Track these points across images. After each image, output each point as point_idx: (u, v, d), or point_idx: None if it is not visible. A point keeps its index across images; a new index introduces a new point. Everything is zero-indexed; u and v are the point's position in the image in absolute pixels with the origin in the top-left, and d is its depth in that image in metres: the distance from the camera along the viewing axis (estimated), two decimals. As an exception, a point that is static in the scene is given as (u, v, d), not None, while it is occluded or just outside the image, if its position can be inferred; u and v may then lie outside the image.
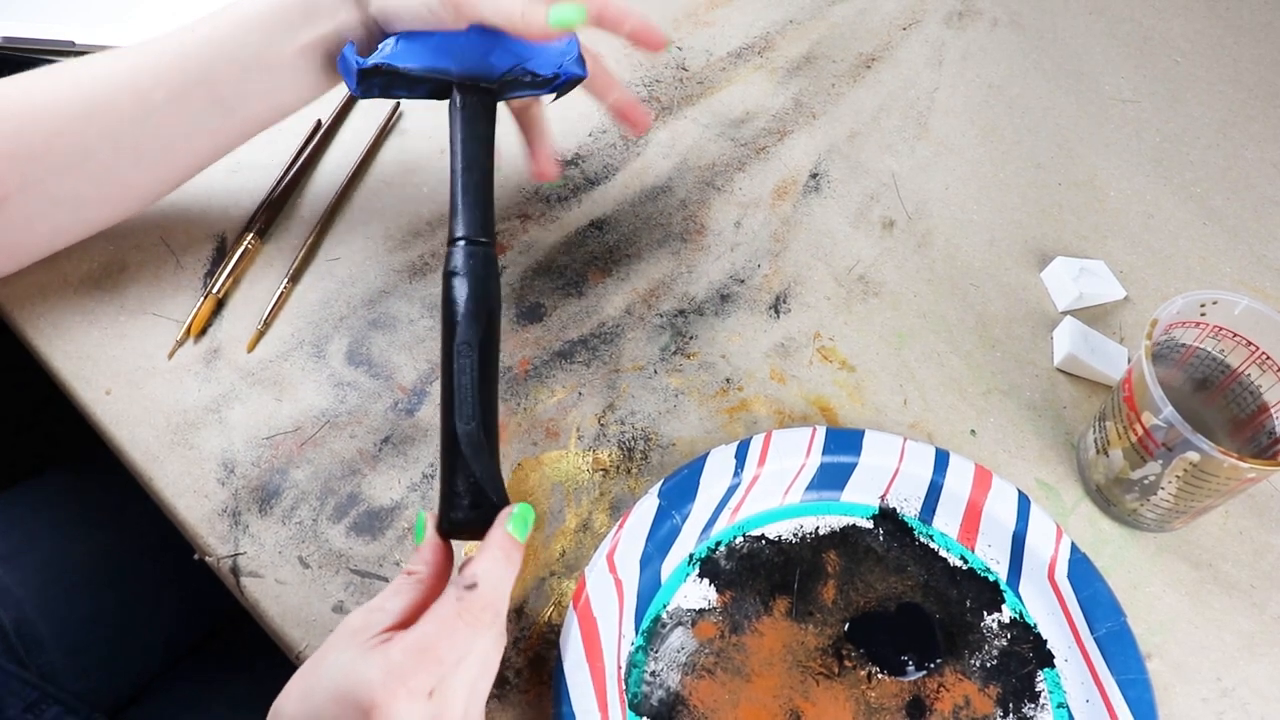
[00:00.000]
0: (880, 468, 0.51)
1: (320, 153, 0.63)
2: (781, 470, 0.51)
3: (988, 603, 0.49)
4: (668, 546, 0.48)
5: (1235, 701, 0.49)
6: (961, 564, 0.50)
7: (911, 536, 0.51)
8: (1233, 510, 0.54)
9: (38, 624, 0.59)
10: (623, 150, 0.65)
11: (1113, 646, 0.47)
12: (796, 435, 0.51)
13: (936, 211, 0.64)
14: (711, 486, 0.50)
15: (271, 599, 0.48)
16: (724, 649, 0.47)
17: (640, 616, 0.47)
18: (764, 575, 0.49)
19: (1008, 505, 0.50)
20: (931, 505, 0.51)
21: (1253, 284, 0.63)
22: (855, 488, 0.51)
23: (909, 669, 0.47)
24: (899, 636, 0.47)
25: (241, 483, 0.51)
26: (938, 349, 0.59)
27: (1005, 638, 0.48)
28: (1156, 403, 0.46)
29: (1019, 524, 0.50)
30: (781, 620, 0.48)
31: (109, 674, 0.62)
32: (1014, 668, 0.48)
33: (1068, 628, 0.48)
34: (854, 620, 0.48)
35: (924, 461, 0.51)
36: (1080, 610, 0.48)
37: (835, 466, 0.51)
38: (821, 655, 0.47)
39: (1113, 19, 0.75)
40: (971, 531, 0.51)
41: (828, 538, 0.50)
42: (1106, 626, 0.47)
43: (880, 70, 0.71)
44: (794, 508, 0.51)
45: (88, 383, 0.53)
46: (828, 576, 0.49)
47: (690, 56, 0.70)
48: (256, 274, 0.58)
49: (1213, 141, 0.69)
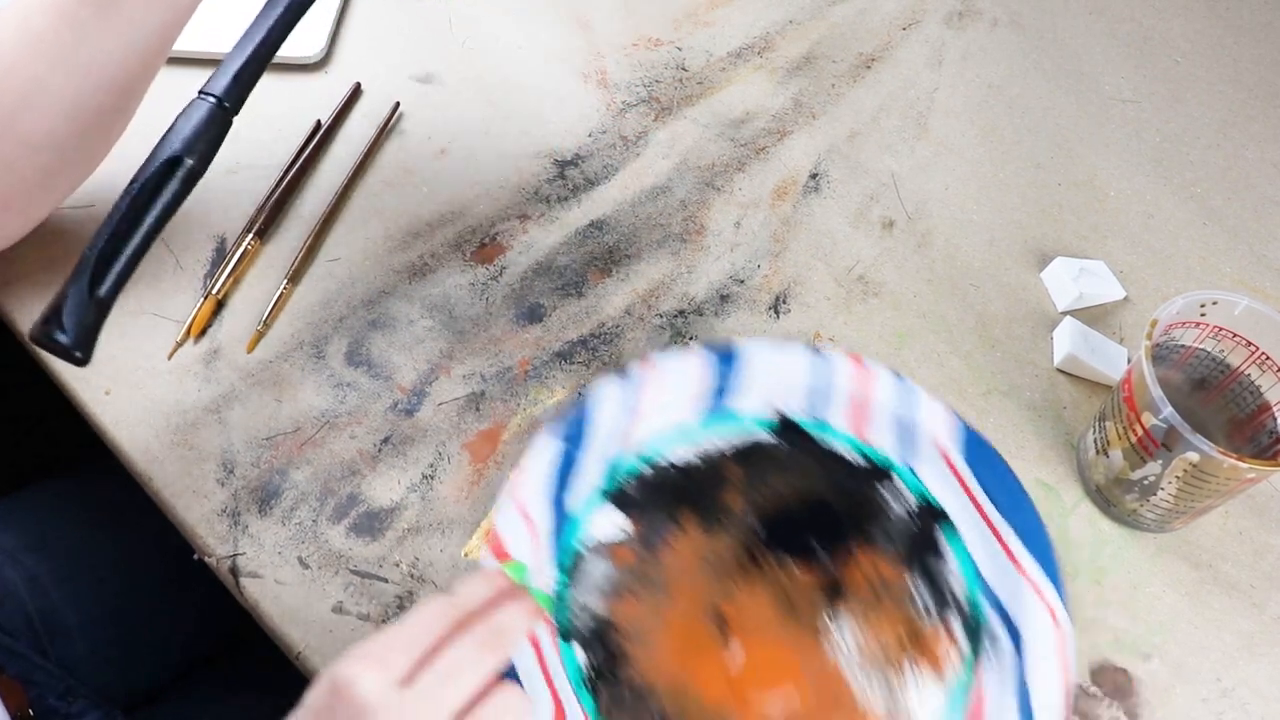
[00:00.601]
0: (765, 375, 0.52)
1: (320, 153, 0.63)
2: (672, 393, 0.52)
3: (886, 486, 0.51)
4: (572, 482, 0.49)
5: (1235, 701, 0.49)
6: (857, 456, 0.51)
7: (807, 437, 0.52)
8: (1233, 510, 0.54)
9: (65, 614, 0.60)
10: (622, 150, 0.65)
11: (1007, 502, 0.49)
12: (679, 357, 0.52)
13: (936, 211, 0.64)
14: (605, 418, 0.50)
15: (271, 599, 0.48)
16: (643, 570, 0.48)
17: (558, 553, 0.48)
18: (671, 496, 0.50)
19: (888, 391, 0.52)
20: (820, 403, 0.52)
21: (1253, 284, 0.63)
22: (745, 399, 0.52)
23: (819, 554, 0.48)
24: (806, 528, 0.49)
25: (241, 483, 0.51)
26: (938, 349, 0.59)
27: (905, 510, 0.50)
28: (1156, 403, 0.46)
29: (903, 409, 0.51)
30: (694, 534, 0.49)
31: (128, 670, 0.62)
32: (915, 531, 0.50)
33: (965, 496, 0.50)
34: (762, 521, 0.49)
35: (803, 362, 0.52)
36: (975, 480, 0.50)
37: (722, 382, 0.52)
38: (736, 559, 0.48)
39: (1113, 19, 0.75)
40: (862, 422, 0.52)
41: (728, 452, 0.51)
42: (1002, 490, 0.49)
43: (880, 70, 0.71)
44: (691, 429, 0.52)
45: (87, 383, 0.54)
46: (733, 487, 0.50)
47: (690, 56, 0.70)
48: (256, 274, 0.58)
49: (1213, 141, 0.69)
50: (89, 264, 0.43)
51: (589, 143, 0.65)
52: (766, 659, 0.46)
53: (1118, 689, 0.49)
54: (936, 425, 0.51)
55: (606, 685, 0.46)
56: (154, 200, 0.45)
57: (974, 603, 0.48)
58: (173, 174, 0.45)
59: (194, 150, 0.45)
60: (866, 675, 0.46)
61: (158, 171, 0.45)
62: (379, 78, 0.66)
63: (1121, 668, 0.50)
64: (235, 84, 0.46)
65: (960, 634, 0.47)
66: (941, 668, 0.47)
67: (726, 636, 0.46)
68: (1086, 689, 0.49)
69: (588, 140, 0.65)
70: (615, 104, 0.67)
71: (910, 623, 0.47)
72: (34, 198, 0.50)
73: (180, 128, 0.45)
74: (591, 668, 0.46)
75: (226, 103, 0.46)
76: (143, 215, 0.45)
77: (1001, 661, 0.46)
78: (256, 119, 0.63)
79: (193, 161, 0.45)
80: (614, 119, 0.66)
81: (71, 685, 0.57)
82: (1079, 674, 0.49)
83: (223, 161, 0.60)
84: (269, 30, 0.47)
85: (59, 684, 0.56)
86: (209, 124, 0.46)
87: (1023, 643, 0.46)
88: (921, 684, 0.46)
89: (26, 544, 0.61)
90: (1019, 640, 0.46)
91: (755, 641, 0.46)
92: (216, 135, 0.46)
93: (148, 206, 0.45)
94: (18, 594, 0.59)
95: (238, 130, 0.59)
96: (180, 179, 0.45)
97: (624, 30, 0.71)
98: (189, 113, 0.46)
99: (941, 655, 0.47)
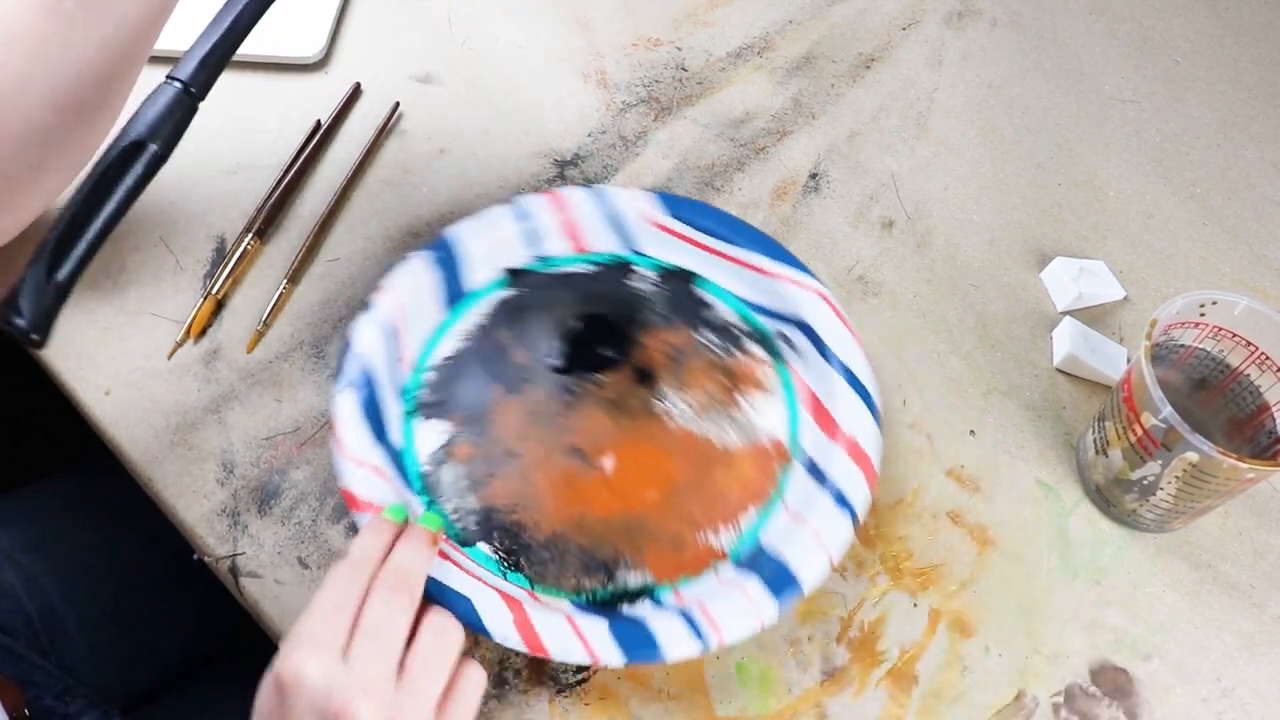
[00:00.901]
0: (481, 246, 0.55)
1: (320, 153, 0.63)
2: (414, 302, 0.54)
3: (630, 276, 0.57)
4: (384, 418, 0.51)
5: (1235, 701, 0.49)
6: (590, 267, 0.57)
7: (539, 275, 0.56)
8: (1232, 510, 0.54)
9: (63, 614, 0.60)
10: (622, 150, 0.65)
11: (724, 230, 0.56)
12: (403, 269, 0.54)
13: (936, 211, 0.64)
14: (375, 352, 0.52)
15: (270, 599, 0.48)
16: (486, 451, 0.51)
17: (411, 482, 0.50)
18: (466, 382, 0.53)
19: (585, 202, 0.57)
20: (536, 242, 0.57)
21: (1253, 284, 0.63)
22: (475, 274, 0.55)
23: (615, 358, 0.54)
24: (592, 344, 0.54)
25: (241, 483, 0.51)
26: (937, 349, 0.59)
27: (655, 285, 0.56)
28: (1156, 403, 0.46)
29: (605, 208, 0.57)
30: (507, 400, 0.52)
31: (127, 669, 0.62)
32: (673, 297, 0.56)
33: (691, 245, 0.57)
34: (555, 358, 0.53)
35: (506, 218, 0.56)
36: (692, 229, 0.57)
37: (448, 270, 0.54)
38: (555, 399, 0.52)
39: (1113, 19, 0.75)
40: (579, 238, 0.57)
41: (486, 323, 0.54)
42: (715, 223, 0.57)
43: (880, 70, 0.71)
44: (446, 322, 0.54)
45: (87, 383, 0.54)
46: (510, 346, 0.54)
47: (690, 56, 0.70)
48: (256, 274, 0.58)
49: (1213, 141, 0.69)
50: (48, 247, 0.43)
51: (589, 143, 0.65)
52: (631, 458, 0.51)
53: (1118, 689, 0.49)
54: (638, 205, 0.57)
55: (524, 558, 0.49)
56: (116, 185, 0.45)
57: (752, 322, 0.56)
58: (136, 159, 0.45)
59: (158, 135, 0.45)
60: (712, 423, 0.53)
61: (120, 156, 0.44)
62: (379, 78, 0.66)
63: (1121, 668, 0.50)
64: (201, 69, 0.46)
65: (759, 351, 0.55)
66: (763, 383, 0.54)
67: (590, 461, 0.51)
68: (1086, 689, 0.49)
69: (587, 140, 0.65)
70: (615, 104, 0.67)
71: (717, 366, 0.54)
72: (22, 195, 0.50)
73: (145, 113, 0.45)
74: (502, 553, 0.49)
75: (193, 88, 0.46)
76: (104, 200, 0.45)
77: (801, 349, 0.54)
78: (256, 119, 0.63)
79: (157, 146, 0.45)
80: (614, 119, 0.66)
81: (69, 685, 0.57)
82: (1080, 675, 0.49)
83: (223, 161, 0.60)
84: (237, 16, 0.46)
85: (56, 684, 0.56)
86: (174, 109, 0.45)
87: (808, 325, 0.54)
88: (756, 404, 0.53)
89: (25, 544, 0.61)
90: (804, 326, 0.54)
91: (613, 451, 0.52)
92: (181, 121, 0.46)
93: (109, 191, 0.44)
94: (16, 594, 0.59)
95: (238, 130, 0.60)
96: (144, 164, 0.45)
97: (624, 30, 0.71)
98: (154, 98, 0.45)
99: (757, 375, 0.54)
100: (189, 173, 0.60)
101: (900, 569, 0.51)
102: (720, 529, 0.50)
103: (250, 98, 0.64)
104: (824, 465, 0.51)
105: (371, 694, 0.37)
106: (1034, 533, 0.53)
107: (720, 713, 0.47)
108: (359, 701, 0.36)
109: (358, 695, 0.36)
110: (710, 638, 0.45)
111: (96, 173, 0.44)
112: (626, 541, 0.50)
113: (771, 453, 0.52)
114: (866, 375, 0.53)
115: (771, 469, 0.52)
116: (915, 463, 0.55)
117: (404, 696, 0.38)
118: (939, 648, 0.49)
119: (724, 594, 0.47)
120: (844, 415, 0.52)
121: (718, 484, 0.51)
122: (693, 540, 0.50)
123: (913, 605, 0.50)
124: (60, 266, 0.44)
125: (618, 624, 0.46)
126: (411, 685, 0.38)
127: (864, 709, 0.48)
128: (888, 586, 0.51)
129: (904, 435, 0.55)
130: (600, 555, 0.49)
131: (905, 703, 0.48)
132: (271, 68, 0.66)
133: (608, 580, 0.49)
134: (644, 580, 0.49)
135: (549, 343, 0.54)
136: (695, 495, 0.51)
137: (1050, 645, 0.50)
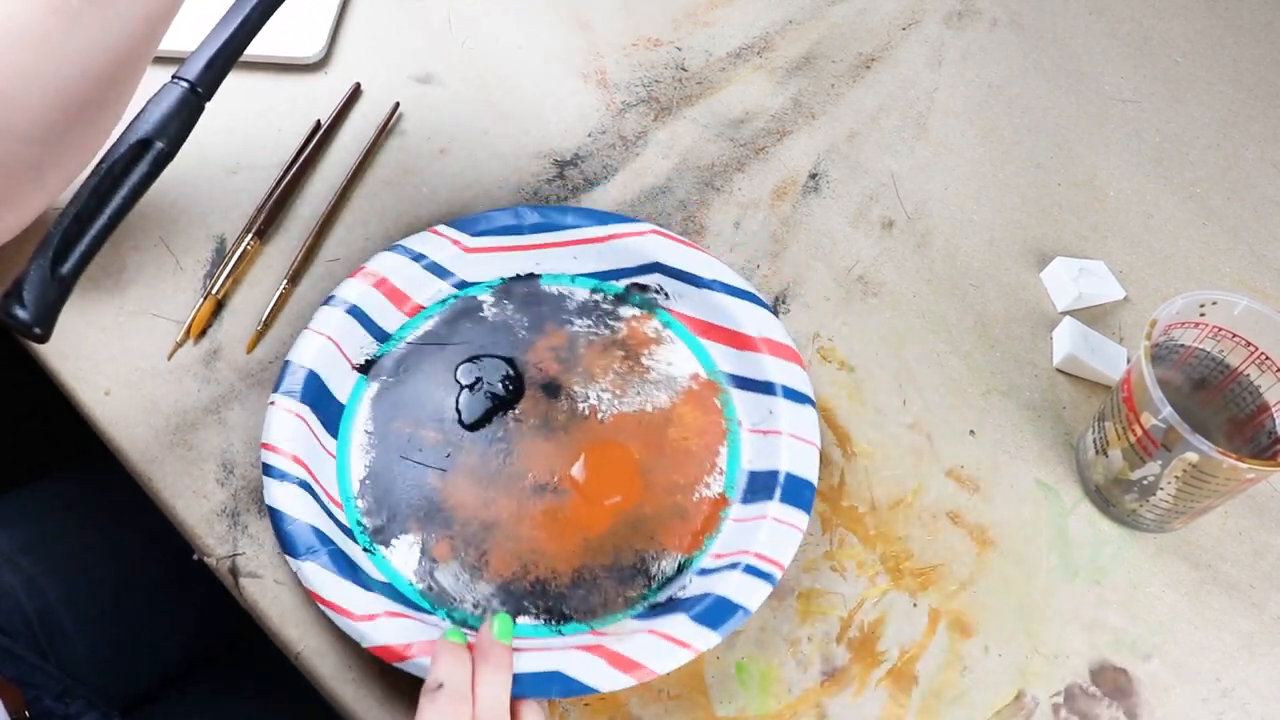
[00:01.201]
0: (324, 352, 0.53)
1: (320, 153, 0.63)
2: (302, 444, 0.50)
3: (482, 307, 0.56)
4: (354, 565, 0.48)
5: (1235, 702, 0.49)
6: (433, 321, 0.55)
7: (394, 350, 0.54)
8: (1232, 510, 0.54)
9: (62, 615, 0.60)
10: (622, 150, 0.65)
11: (546, 219, 0.57)
12: (277, 422, 0.50)
13: (936, 211, 0.64)
14: (307, 518, 0.48)
15: (270, 599, 0.48)
16: (464, 536, 0.50)
17: (415, 603, 0.48)
18: (397, 489, 0.51)
19: (396, 262, 0.56)
20: (368, 323, 0.54)
21: (1253, 284, 0.63)
22: (334, 382, 0.52)
23: (508, 388, 0.53)
24: (487, 382, 0.54)
25: (241, 483, 0.51)
26: (937, 349, 0.59)
27: (509, 303, 0.56)
28: (1155, 403, 0.46)
29: (415, 260, 0.56)
30: (446, 480, 0.51)
31: (127, 670, 0.62)
32: (531, 305, 0.56)
33: (523, 251, 0.57)
34: (463, 419, 0.53)
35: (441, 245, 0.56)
36: (509, 236, 0.57)
37: (309, 399, 0.51)
38: (487, 454, 0.52)
39: (1113, 19, 0.75)
40: (408, 301, 0.56)
41: (374, 429, 0.52)
42: (537, 220, 0.57)
43: (880, 70, 0.71)
44: (339, 448, 0.52)
45: (87, 383, 0.54)
46: (413, 434, 0.52)
47: (689, 56, 0.70)
48: (256, 275, 0.58)
49: (1213, 141, 0.69)
50: (53, 241, 0.44)
51: (588, 143, 0.65)
52: (591, 465, 0.52)
53: (1118, 689, 0.49)
54: (440, 241, 0.56)
55: (565, 607, 0.48)
56: (122, 181, 0.45)
57: (610, 290, 0.57)
58: (142, 156, 0.45)
59: (165, 133, 0.45)
60: (636, 395, 0.54)
61: (127, 153, 0.45)
62: (379, 78, 0.66)
63: (1121, 668, 0.50)
64: (209, 70, 0.46)
65: (634, 311, 0.56)
66: (654, 337, 0.56)
67: (558, 488, 0.51)
68: (1086, 689, 0.49)
69: (587, 140, 0.65)
70: (615, 104, 0.67)
71: (606, 344, 0.55)
72: (25, 192, 0.50)
73: (151, 111, 0.45)
74: (544, 615, 0.48)
75: (199, 88, 0.46)
76: (110, 196, 0.45)
77: (669, 288, 0.56)
78: (257, 119, 0.64)
79: (163, 145, 0.45)
80: (614, 119, 0.66)
81: (69, 686, 0.57)
82: (1079, 675, 0.49)
83: (223, 161, 0.60)
84: (246, 16, 0.47)
85: (56, 685, 0.56)
86: (181, 108, 0.46)
87: (662, 264, 0.56)
88: (660, 357, 0.55)
89: (24, 545, 0.61)
90: (659, 267, 0.56)
91: (571, 465, 0.52)
92: (188, 120, 0.46)
93: (115, 187, 0.45)
94: (15, 595, 0.59)
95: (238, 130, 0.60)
96: (150, 161, 0.45)
97: (624, 30, 0.71)
98: (161, 97, 0.46)
99: (643, 333, 0.56)
100: (189, 173, 0.60)
101: (900, 569, 0.51)
102: (706, 479, 0.52)
103: (250, 98, 0.64)
104: (752, 373, 0.53)
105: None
106: (1034, 533, 0.53)
107: (720, 713, 0.47)
108: None
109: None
110: (772, 572, 0.47)
111: (103, 169, 0.44)
112: (638, 538, 0.50)
113: (701, 390, 0.54)
114: (735, 279, 0.56)
115: (712, 403, 0.54)
116: (915, 463, 0.55)
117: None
118: (939, 648, 0.49)
119: (753, 530, 0.49)
120: (741, 322, 0.54)
121: (676, 443, 0.53)
122: (691, 502, 0.51)
123: (913, 605, 0.50)
124: (64, 261, 0.44)
125: (690, 608, 0.46)
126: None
127: (864, 709, 0.48)
128: (888, 586, 0.51)
129: (904, 435, 0.55)
130: (626, 563, 0.49)
131: (905, 703, 0.48)
132: (271, 68, 0.66)
133: (648, 581, 0.49)
134: (677, 560, 0.50)
135: (447, 409, 0.53)
136: (665, 463, 0.52)
137: (1050, 645, 0.50)
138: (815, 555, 0.51)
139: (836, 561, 0.51)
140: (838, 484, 0.54)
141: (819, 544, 0.52)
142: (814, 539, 0.52)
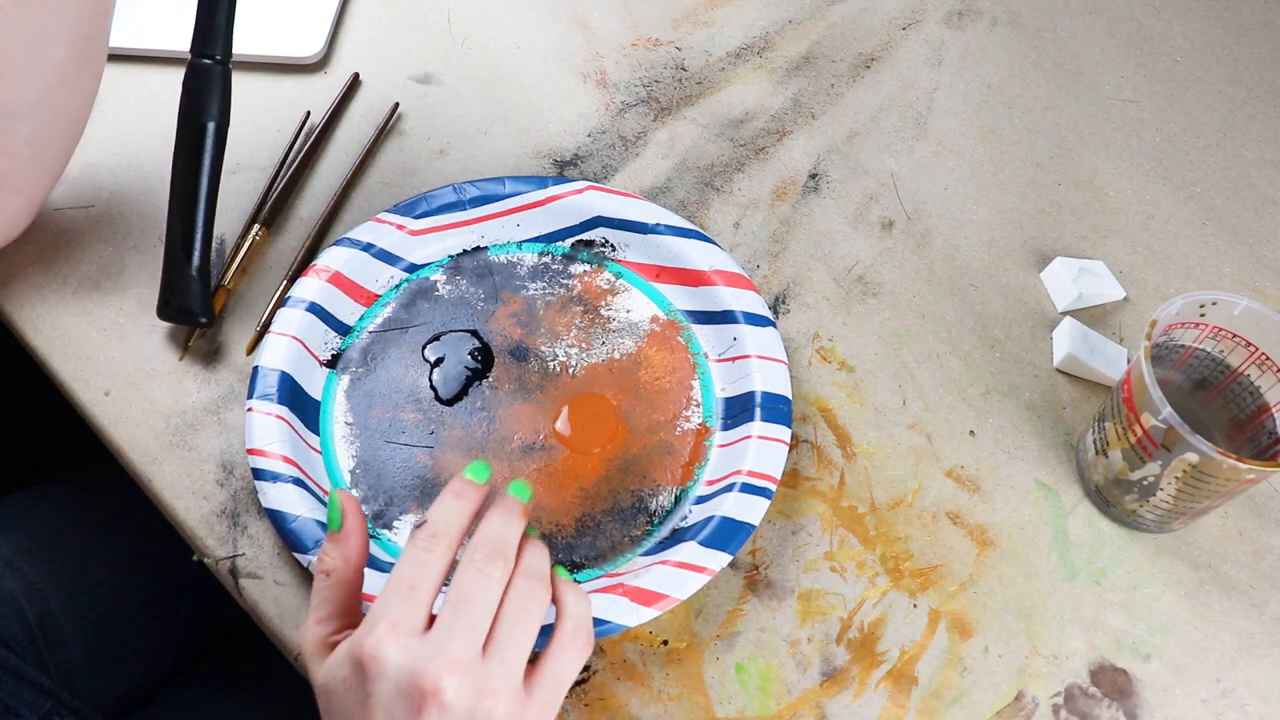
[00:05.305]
0: (290, 352, 0.52)
1: (319, 153, 0.63)
2: (291, 446, 0.50)
3: (437, 285, 0.57)
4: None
5: (1235, 702, 0.49)
6: (390, 307, 0.56)
7: (357, 340, 0.55)
8: (1232, 511, 0.54)
9: (62, 621, 0.59)
10: (622, 150, 0.65)
11: (484, 193, 0.58)
12: (259, 427, 0.50)
13: (936, 212, 0.64)
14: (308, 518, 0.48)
15: (270, 600, 0.48)
16: (458, 488, 0.49)
17: None
18: (389, 473, 0.51)
19: (344, 255, 0.56)
20: (328, 318, 0.55)
21: (1253, 284, 0.63)
22: (306, 379, 0.52)
23: (477, 360, 0.54)
24: (456, 359, 0.55)
25: (240, 484, 0.51)
26: (937, 349, 0.59)
27: (461, 278, 0.57)
28: (1155, 403, 0.46)
29: (363, 249, 0.56)
30: (436, 458, 0.52)
31: (122, 674, 0.62)
32: (482, 275, 0.57)
33: (466, 226, 0.58)
34: (440, 395, 0.53)
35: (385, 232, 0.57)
36: (450, 213, 0.57)
37: (285, 401, 0.51)
38: (470, 426, 0.53)
39: (1113, 19, 0.75)
40: (363, 291, 0.56)
41: (353, 420, 0.53)
42: (474, 194, 0.58)
43: (880, 70, 0.71)
44: (324, 445, 0.52)
45: (87, 384, 0.54)
46: (393, 418, 0.53)
47: (689, 56, 0.70)
48: (256, 275, 0.58)
49: (1213, 141, 0.69)
50: (177, 249, 0.51)
51: (588, 143, 0.65)
52: (572, 417, 0.53)
53: (1117, 689, 0.49)
54: (384, 228, 0.57)
55: (575, 556, 0.49)
56: (199, 169, 0.51)
57: (556, 250, 0.58)
58: (203, 140, 0.51)
59: (209, 113, 0.51)
60: (601, 345, 0.56)
61: (190, 143, 0.50)
62: (378, 78, 0.66)
63: (1121, 668, 0.50)
64: (223, 37, 0.50)
65: (586, 266, 0.58)
66: (608, 288, 0.57)
67: (545, 444, 0.53)
68: (1086, 690, 0.49)
69: (587, 140, 0.65)
70: (614, 104, 0.67)
71: (563, 302, 0.57)
72: (29, 171, 0.50)
73: (193, 95, 0.50)
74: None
75: (219, 55, 0.50)
76: (195, 185, 0.51)
77: (615, 239, 0.58)
78: (257, 119, 0.63)
79: (215, 122, 0.51)
80: (613, 119, 0.66)
81: (58, 702, 0.56)
82: (1079, 675, 0.49)
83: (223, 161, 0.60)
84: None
85: (45, 702, 0.55)
86: (217, 83, 0.51)
87: (604, 217, 0.58)
88: (617, 306, 0.57)
89: (24, 549, 0.61)
90: (602, 220, 0.58)
91: (554, 420, 0.53)
92: (225, 88, 0.51)
93: (197, 175, 0.51)
94: (17, 602, 0.58)
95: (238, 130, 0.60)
96: (212, 140, 0.51)
97: (623, 30, 0.71)
98: (195, 79, 0.50)
99: (597, 285, 0.57)
100: (188, 173, 0.60)
101: (900, 569, 0.51)
102: (685, 413, 0.54)
103: (250, 98, 0.64)
104: (710, 306, 0.56)
105: (459, 669, 0.35)
106: (1033, 533, 0.53)
107: (719, 713, 0.47)
108: (447, 678, 0.35)
109: (445, 672, 0.35)
110: (766, 486, 0.49)
111: (177, 167, 0.50)
112: (631, 479, 0.52)
113: (663, 330, 0.56)
114: (677, 220, 0.58)
115: (676, 341, 0.56)
116: (915, 463, 0.55)
117: (493, 665, 0.36)
118: (939, 648, 0.49)
119: (740, 451, 0.51)
120: (691, 259, 0.57)
121: (649, 384, 0.55)
122: (675, 437, 0.53)
123: (912, 606, 0.51)
124: (192, 254, 0.51)
125: (696, 534, 0.48)
126: (500, 653, 0.37)
127: (864, 710, 0.48)
128: (887, 587, 0.51)
129: (904, 435, 0.55)
130: (625, 505, 0.51)
131: (905, 703, 0.48)
132: (271, 68, 0.66)
133: (649, 518, 0.51)
134: (673, 493, 0.51)
135: (421, 389, 0.54)
136: (642, 405, 0.54)
137: (1050, 646, 0.50)
138: (815, 556, 0.51)
139: (836, 562, 0.51)
140: (838, 484, 0.54)
141: (819, 544, 0.52)
142: (814, 539, 0.52)
